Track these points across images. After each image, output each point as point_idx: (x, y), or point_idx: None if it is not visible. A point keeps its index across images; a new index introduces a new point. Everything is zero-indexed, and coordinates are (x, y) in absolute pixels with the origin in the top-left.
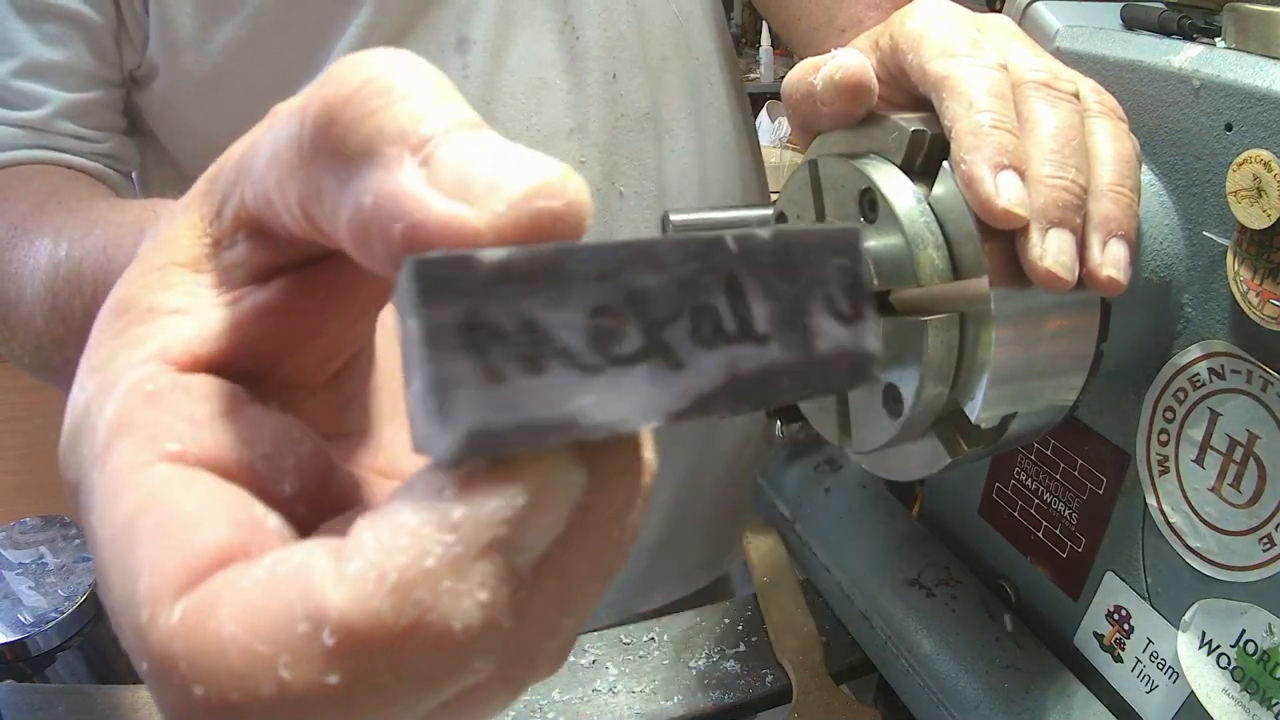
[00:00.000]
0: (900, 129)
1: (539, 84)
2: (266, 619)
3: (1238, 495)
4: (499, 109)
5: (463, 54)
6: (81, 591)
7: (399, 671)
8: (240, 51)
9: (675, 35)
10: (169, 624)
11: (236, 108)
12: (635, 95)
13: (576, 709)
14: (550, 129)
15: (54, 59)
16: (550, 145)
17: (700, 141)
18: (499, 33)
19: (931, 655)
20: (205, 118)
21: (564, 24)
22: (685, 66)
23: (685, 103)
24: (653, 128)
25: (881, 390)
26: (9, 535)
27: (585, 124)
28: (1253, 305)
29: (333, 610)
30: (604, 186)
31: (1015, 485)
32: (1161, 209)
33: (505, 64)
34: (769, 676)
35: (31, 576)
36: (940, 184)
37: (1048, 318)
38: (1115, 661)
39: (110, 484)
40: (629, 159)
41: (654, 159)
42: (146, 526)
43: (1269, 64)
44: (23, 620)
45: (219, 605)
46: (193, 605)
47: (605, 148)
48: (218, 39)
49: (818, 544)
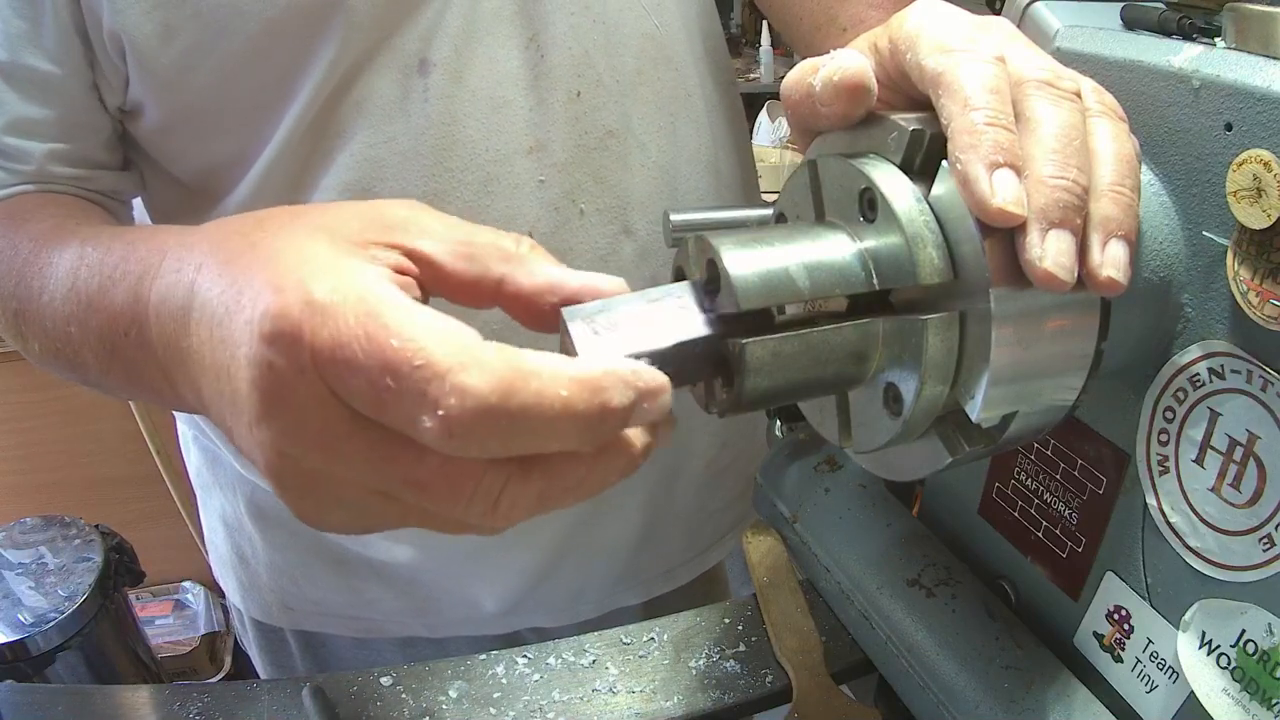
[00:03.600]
0: (899, 128)
1: (500, 102)
2: (546, 370)
3: (1238, 495)
4: (458, 129)
5: (424, 76)
6: (82, 591)
7: (578, 412)
8: (219, 88)
9: (652, 48)
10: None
11: (225, 133)
12: (599, 113)
13: (576, 709)
14: (509, 148)
15: (38, 115)
16: (509, 163)
17: (673, 155)
18: (459, 54)
19: (931, 655)
20: (198, 143)
21: (529, 41)
22: (661, 79)
23: (658, 116)
24: (617, 145)
25: (882, 390)
26: (9, 535)
27: (546, 143)
28: (1253, 305)
29: (570, 373)
30: (563, 205)
31: (1015, 485)
32: (1161, 209)
33: (465, 84)
34: (769, 676)
35: (31, 576)
36: (940, 183)
37: (1048, 318)
38: (1115, 661)
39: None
40: (591, 177)
41: (618, 175)
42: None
43: (1269, 64)
44: (23, 620)
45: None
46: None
47: (565, 166)
48: (196, 81)
49: (818, 544)
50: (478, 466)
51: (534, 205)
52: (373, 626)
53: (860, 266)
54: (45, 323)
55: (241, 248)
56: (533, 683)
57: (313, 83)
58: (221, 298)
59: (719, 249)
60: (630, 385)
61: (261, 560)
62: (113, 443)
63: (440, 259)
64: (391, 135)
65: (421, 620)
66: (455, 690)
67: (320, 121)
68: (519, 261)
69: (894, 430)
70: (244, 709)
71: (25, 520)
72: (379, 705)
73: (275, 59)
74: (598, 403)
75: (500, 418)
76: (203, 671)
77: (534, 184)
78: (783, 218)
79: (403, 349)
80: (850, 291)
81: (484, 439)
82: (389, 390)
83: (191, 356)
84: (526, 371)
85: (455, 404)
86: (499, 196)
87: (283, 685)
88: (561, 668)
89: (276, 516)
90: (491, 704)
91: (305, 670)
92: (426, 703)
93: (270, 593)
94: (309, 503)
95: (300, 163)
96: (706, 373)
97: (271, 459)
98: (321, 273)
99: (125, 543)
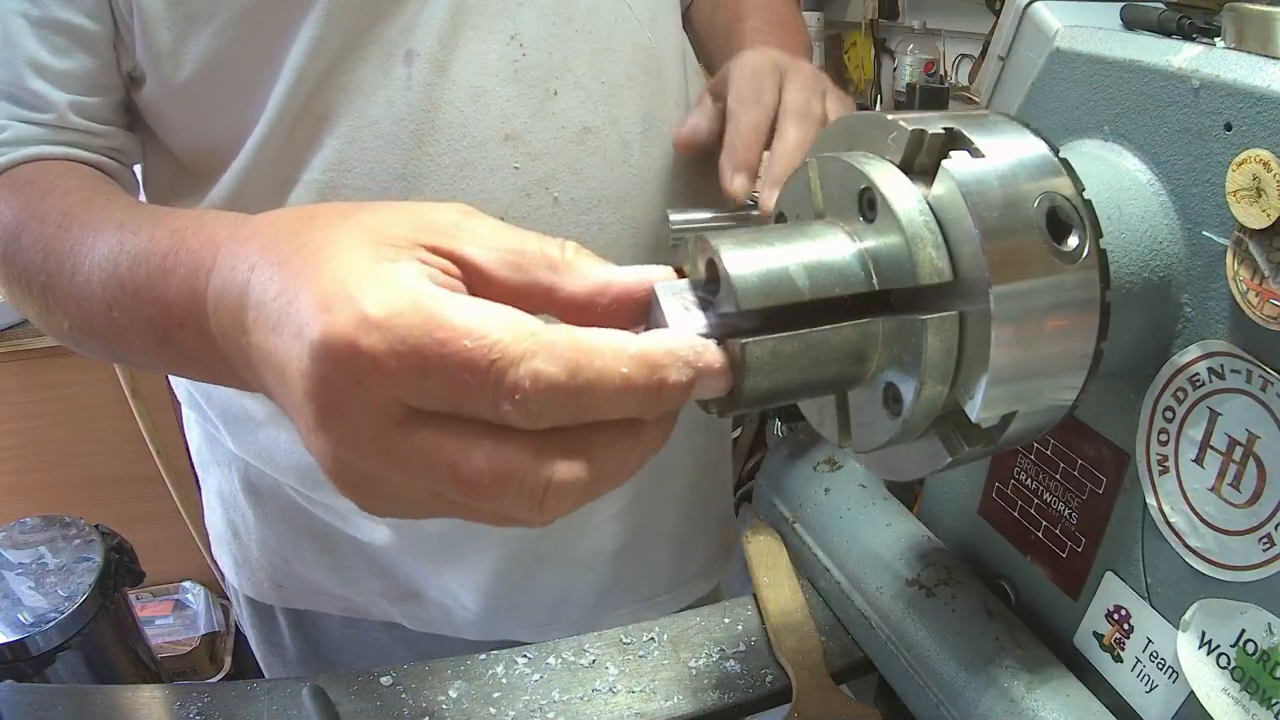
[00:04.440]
0: (900, 128)
1: (479, 91)
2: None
3: (1237, 495)
4: (438, 115)
5: (409, 65)
6: (82, 591)
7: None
8: (212, 60)
9: (643, 59)
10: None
11: (214, 111)
12: (575, 111)
13: (576, 709)
14: (485, 134)
15: (62, 67)
16: (484, 149)
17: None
18: (444, 45)
19: (931, 655)
20: (190, 118)
21: (510, 38)
22: (648, 87)
23: (645, 118)
24: (595, 141)
25: (881, 390)
26: (9, 535)
27: (520, 133)
28: (1252, 305)
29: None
30: (535, 191)
31: (1015, 485)
32: (1161, 209)
33: (448, 74)
34: (769, 676)
35: (31, 576)
36: (940, 183)
37: (1047, 317)
38: (1115, 661)
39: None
40: (566, 167)
41: (595, 169)
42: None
43: (1268, 64)
44: (23, 620)
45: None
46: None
47: (539, 156)
48: (192, 50)
49: (818, 544)
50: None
51: (507, 190)
52: (358, 607)
53: (860, 266)
54: (81, 303)
55: (292, 249)
56: (533, 682)
57: (298, 64)
58: (275, 303)
59: (719, 249)
60: (690, 364)
61: (254, 536)
62: (113, 443)
63: (488, 266)
64: (374, 120)
65: (402, 609)
66: (455, 690)
67: (308, 105)
68: (567, 269)
69: (893, 430)
70: (244, 709)
71: (25, 520)
72: (379, 705)
73: (261, 36)
74: (656, 379)
75: (570, 394)
76: (203, 671)
77: (508, 170)
78: (782, 217)
79: (476, 347)
80: (850, 291)
81: (556, 412)
82: (469, 385)
83: (253, 352)
84: (590, 350)
85: (530, 387)
86: (474, 180)
87: (283, 685)
88: (561, 667)
89: (268, 492)
90: (491, 704)
91: (295, 649)
92: (426, 703)
93: (261, 569)
94: (368, 499)
95: (288, 144)
96: None
97: (329, 464)
98: (370, 285)
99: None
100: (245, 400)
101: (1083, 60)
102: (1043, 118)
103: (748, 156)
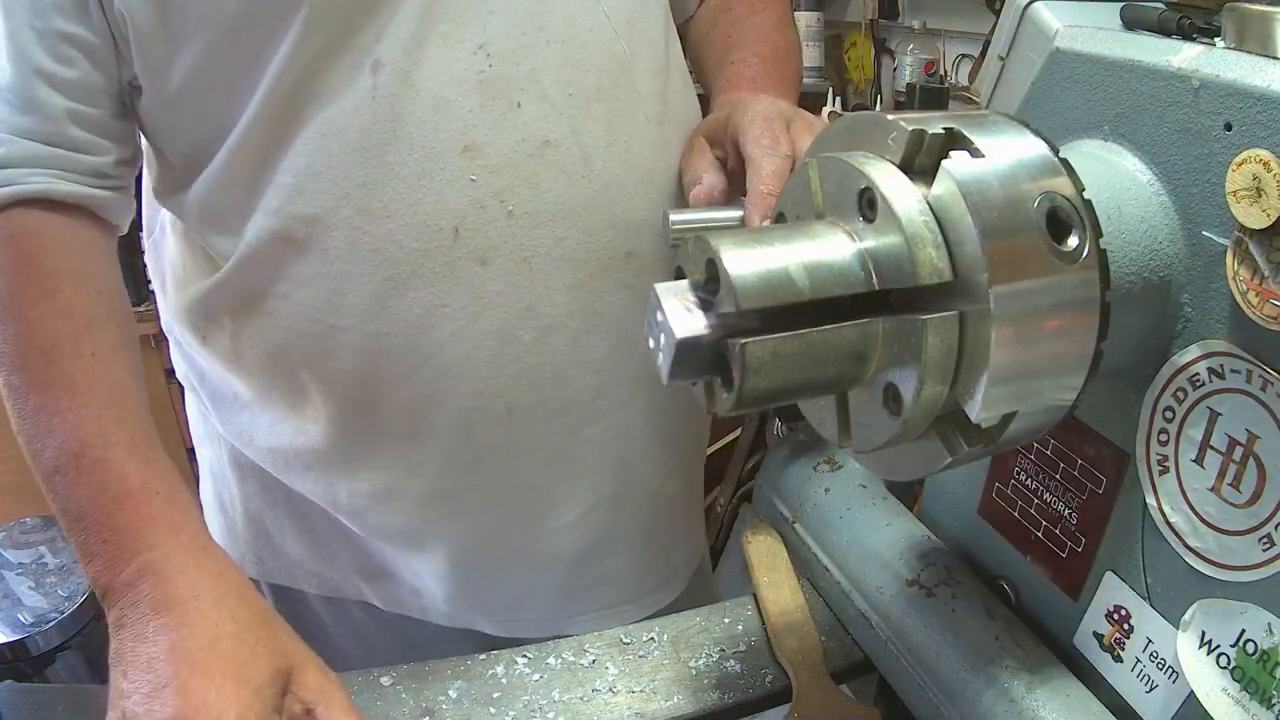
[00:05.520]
0: (900, 129)
1: (443, 102)
2: None
3: (1237, 495)
4: (400, 125)
5: (375, 74)
6: (81, 591)
7: None
8: (199, 72)
9: (617, 70)
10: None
11: (199, 117)
12: (537, 124)
13: (576, 709)
14: (444, 145)
15: (67, 76)
16: (442, 160)
17: (622, 172)
18: (409, 55)
19: (931, 655)
20: (178, 124)
21: (478, 48)
22: (621, 99)
23: (611, 133)
24: (554, 155)
25: (881, 390)
26: (9, 535)
27: (479, 145)
28: (1252, 305)
29: None
30: (490, 204)
31: (1015, 485)
32: (1161, 209)
33: (412, 83)
34: (769, 676)
35: (31, 576)
36: (940, 183)
37: (1047, 317)
38: (1115, 661)
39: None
40: (523, 181)
41: (553, 183)
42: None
43: (1268, 64)
44: (23, 620)
45: None
46: None
47: (497, 169)
48: (181, 63)
49: (818, 544)
50: None
51: (462, 202)
52: (334, 585)
53: (860, 266)
54: (25, 443)
55: (171, 657)
56: (532, 682)
57: (275, 72)
58: (134, 687)
59: (719, 249)
60: None
61: (239, 510)
62: None
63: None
64: (341, 127)
65: (374, 588)
66: (455, 690)
67: (281, 111)
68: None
69: (893, 430)
70: None
71: (25, 520)
72: (379, 705)
73: (242, 49)
74: None
75: None
76: None
77: (465, 181)
78: (783, 217)
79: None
80: (850, 291)
81: None
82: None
83: (123, 658)
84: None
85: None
86: (430, 191)
87: None
88: (561, 667)
89: (249, 468)
90: (491, 704)
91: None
92: (426, 702)
93: (245, 544)
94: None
95: (262, 148)
96: (706, 372)
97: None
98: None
99: None
100: (231, 382)
101: (1083, 60)
102: (1043, 118)
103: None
